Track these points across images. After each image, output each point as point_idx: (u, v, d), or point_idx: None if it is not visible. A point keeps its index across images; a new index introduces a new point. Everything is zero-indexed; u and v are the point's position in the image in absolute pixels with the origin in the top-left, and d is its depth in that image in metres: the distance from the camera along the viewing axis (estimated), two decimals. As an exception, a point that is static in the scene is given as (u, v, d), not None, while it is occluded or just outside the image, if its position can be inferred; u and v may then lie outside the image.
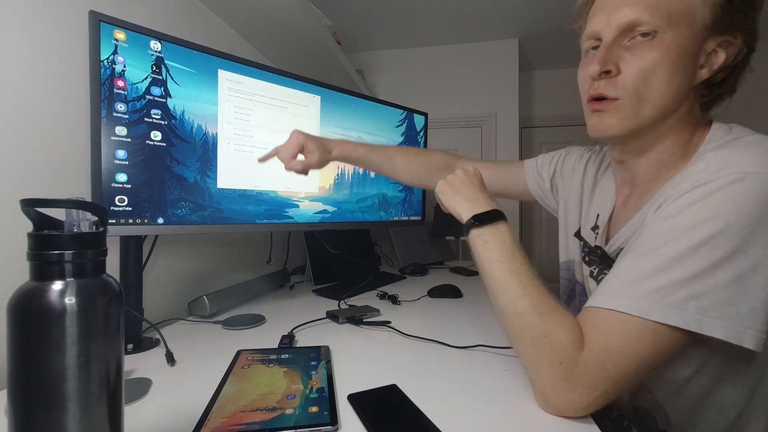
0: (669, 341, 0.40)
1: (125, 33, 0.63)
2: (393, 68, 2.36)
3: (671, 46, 0.46)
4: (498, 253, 0.51)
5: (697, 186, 0.42)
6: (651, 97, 0.48)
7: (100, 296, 0.28)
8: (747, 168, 0.40)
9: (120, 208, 0.64)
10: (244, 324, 0.76)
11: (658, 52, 0.46)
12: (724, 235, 0.39)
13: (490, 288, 0.51)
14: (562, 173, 0.77)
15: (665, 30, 0.45)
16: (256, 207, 0.84)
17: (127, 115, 0.64)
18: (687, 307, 0.39)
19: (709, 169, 0.43)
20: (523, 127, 2.56)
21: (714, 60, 0.47)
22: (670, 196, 0.45)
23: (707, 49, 0.47)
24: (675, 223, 0.42)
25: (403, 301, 0.96)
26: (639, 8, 0.46)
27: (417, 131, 1.27)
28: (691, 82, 0.48)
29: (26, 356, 0.25)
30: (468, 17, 1.98)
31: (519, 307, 0.46)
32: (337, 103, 1.01)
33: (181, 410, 0.45)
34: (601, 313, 0.43)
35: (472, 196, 0.58)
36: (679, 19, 0.45)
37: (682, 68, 0.46)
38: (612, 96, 0.49)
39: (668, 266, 0.40)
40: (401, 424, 0.42)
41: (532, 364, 0.45)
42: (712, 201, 0.41)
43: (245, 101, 0.81)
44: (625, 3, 0.47)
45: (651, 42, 0.46)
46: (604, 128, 0.51)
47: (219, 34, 1.06)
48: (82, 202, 0.28)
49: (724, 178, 0.41)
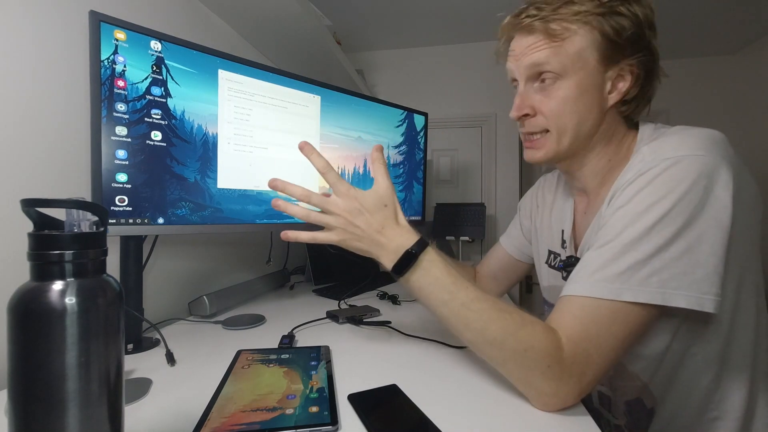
0: (640, 318, 0.44)
1: (125, 33, 0.63)
2: (393, 68, 2.36)
3: (572, 86, 0.53)
4: (439, 294, 0.47)
5: (640, 175, 0.47)
6: (568, 129, 0.54)
7: (100, 296, 0.28)
8: (677, 152, 0.46)
9: (120, 208, 0.64)
10: (244, 324, 0.76)
11: (562, 92, 0.53)
12: (672, 214, 0.44)
13: (450, 326, 0.48)
14: (524, 225, 0.82)
15: (564, 73, 0.52)
16: (256, 207, 0.84)
17: (128, 115, 0.64)
18: (650, 282, 0.43)
19: (646, 160, 0.48)
20: (523, 127, 2.56)
21: (620, 85, 0.54)
22: (618, 188, 0.51)
23: (611, 77, 0.53)
24: (627, 210, 0.47)
25: (403, 301, 0.96)
26: (538, 55, 0.53)
27: (417, 131, 1.27)
28: (602, 108, 0.54)
29: (26, 356, 0.25)
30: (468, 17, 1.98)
31: (488, 335, 0.45)
32: (337, 103, 1.01)
33: (181, 410, 0.45)
34: (575, 302, 0.46)
35: (376, 239, 0.50)
36: (573, 63, 0.52)
37: (589, 100, 0.53)
38: (540, 131, 0.57)
39: (629, 248, 0.44)
40: (401, 424, 0.42)
41: (522, 380, 0.46)
42: (655, 185, 0.46)
43: (245, 101, 0.81)
44: (526, 53, 0.54)
45: (555, 84, 0.53)
46: (534, 158, 0.59)
47: (219, 35, 1.06)
48: (83, 202, 0.28)
49: (660, 164, 0.46)
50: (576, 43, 0.51)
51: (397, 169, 1.19)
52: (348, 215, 0.50)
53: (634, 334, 0.45)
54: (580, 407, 0.46)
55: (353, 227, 0.50)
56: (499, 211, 2.25)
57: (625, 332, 0.44)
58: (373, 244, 0.50)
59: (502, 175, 2.27)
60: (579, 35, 0.51)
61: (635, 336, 0.45)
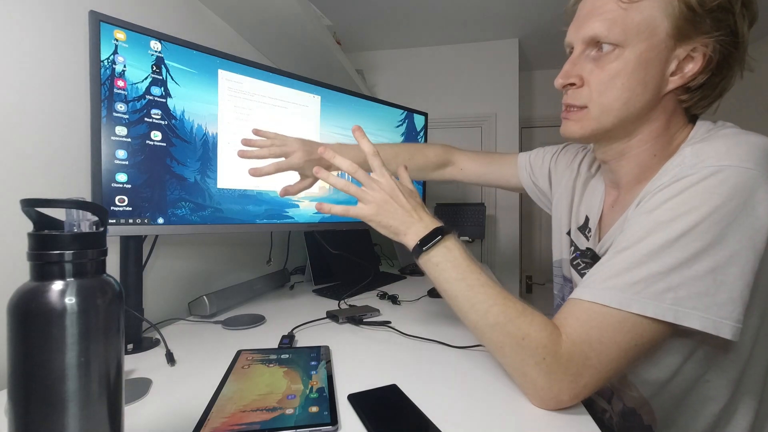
0: (648, 332, 0.41)
1: (125, 33, 0.63)
2: (393, 68, 2.36)
3: (630, 58, 0.47)
4: (453, 272, 0.50)
5: (675, 181, 0.43)
6: (613, 107, 0.49)
7: (100, 296, 0.28)
8: (721, 161, 0.41)
9: (120, 208, 0.64)
10: (244, 324, 0.76)
11: (617, 64, 0.48)
12: (701, 228, 0.40)
13: (456, 308, 0.51)
14: (557, 170, 0.77)
15: (625, 43, 0.47)
16: (256, 207, 0.84)
17: (128, 115, 0.64)
18: (664, 298, 0.40)
19: (685, 164, 0.44)
20: (523, 127, 2.56)
21: (687, 67, 0.47)
22: (649, 191, 0.47)
23: (679, 56, 0.47)
24: (653, 217, 0.43)
25: (403, 301, 0.96)
26: (599, 24, 0.48)
27: (417, 131, 1.27)
28: (658, 90, 0.48)
29: (26, 356, 0.25)
30: (468, 17, 1.98)
31: (490, 319, 0.47)
32: (337, 103, 1.01)
33: (181, 410, 0.45)
34: (581, 305, 0.44)
35: (408, 217, 0.55)
36: (638, 32, 0.46)
37: (645, 76, 0.47)
38: (579, 104, 0.52)
39: (647, 259, 0.41)
40: (401, 424, 0.42)
41: (518, 369, 0.46)
42: (688, 195, 0.42)
43: (245, 101, 0.81)
44: (590, 17, 0.49)
45: (612, 54, 0.48)
46: (569, 133, 0.54)
47: (219, 34, 1.06)
48: (83, 202, 0.28)
49: (699, 172, 0.42)
50: (647, 8, 0.45)
51: (397, 169, 1.19)
52: (389, 193, 0.56)
53: (640, 348, 0.42)
54: (580, 407, 0.46)
55: (389, 204, 0.55)
56: (499, 211, 2.25)
57: (629, 344, 0.41)
58: (404, 221, 0.55)
59: (502, 175, 2.26)
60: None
61: (642, 350, 0.42)
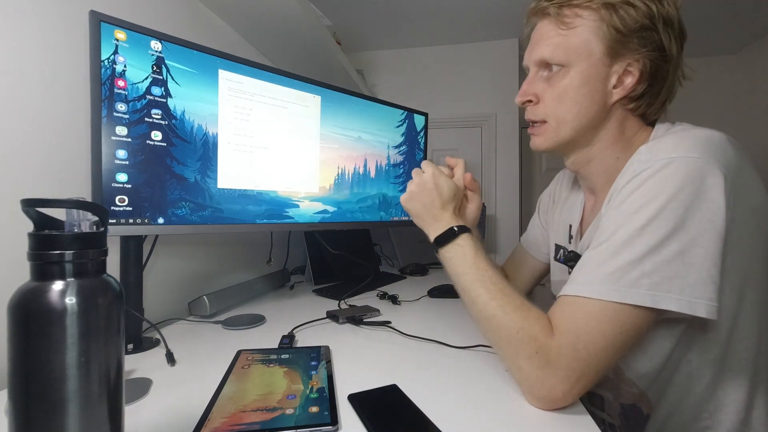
0: (631, 319, 0.43)
1: (126, 33, 0.63)
2: (393, 68, 2.36)
3: (575, 75, 0.54)
4: (462, 267, 0.55)
5: (635, 176, 0.48)
6: (567, 119, 0.56)
7: (100, 296, 0.28)
8: (670, 154, 0.46)
9: (120, 208, 0.64)
10: (244, 324, 0.76)
11: (565, 81, 0.55)
12: (664, 215, 0.43)
13: (464, 300, 0.55)
14: (546, 220, 0.82)
15: (569, 63, 0.54)
16: (257, 207, 0.84)
17: (128, 115, 0.64)
18: (641, 284, 0.43)
19: (641, 160, 0.48)
20: (524, 127, 2.56)
21: (626, 80, 0.54)
22: (616, 189, 0.51)
23: (618, 71, 0.53)
24: (621, 210, 0.47)
25: (403, 301, 0.96)
26: (545, 48, 0.55)
27: (417, 131, 1.27)
28: (604, 102, 0.55)
29: (27, 356, 0.25)
30: (468, 17, 1.98)
31: (489, 311, 0.50)
32: (338, 103, 1.01)
33: (181, 410, 0.45)
34: (566, 300, 0.47)
35: (435, 215, 0.61)
36: (578, 53, 0.53)
37: (590, 91, 0.54)
38: (538, 120, 0.59)
39: (620, 249, 0.44)
40: (401, 424, 0.42)
41: (513, 362, 0.48)
42: (647, 186, 0.46)
43: (245, 101, 0.81)
44: (538, 43, 0.57)
45: (560, 73, 0.55)
46: (536, 146, 0.61)
47: (219, 34, 1.06)
48: (83, 202, 0.28)
49: (653, 166, 0.46)
50: (583, 33, 0.53)
51: (397, 170, 1.19)
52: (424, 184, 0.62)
53: (625, 335, 0.44)
54: (579, 407, 0.46)
55: (420, 196, 0.62)
56: (499, 211, 2.25)
57: (614, 332, 0.43)
58: (429, 216, 0.61)
59: (502, 176, 2.27)
60: (587, 24, 0.52)
61: (627, 337, 0.44)
